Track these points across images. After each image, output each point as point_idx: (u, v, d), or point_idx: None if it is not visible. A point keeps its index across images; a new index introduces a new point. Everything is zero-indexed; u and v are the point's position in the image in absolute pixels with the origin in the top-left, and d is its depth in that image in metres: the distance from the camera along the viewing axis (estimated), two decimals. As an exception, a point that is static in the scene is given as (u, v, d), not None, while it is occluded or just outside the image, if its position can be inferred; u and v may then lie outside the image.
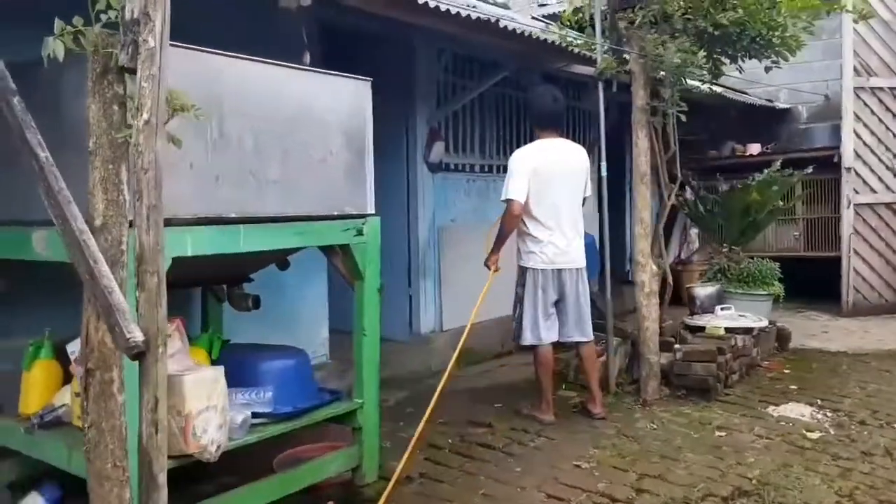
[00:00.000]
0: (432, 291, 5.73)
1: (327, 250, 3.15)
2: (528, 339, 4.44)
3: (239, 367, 2.96)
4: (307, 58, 3.40)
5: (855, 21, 6.23)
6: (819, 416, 4.62)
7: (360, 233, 3.12)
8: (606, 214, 5.18)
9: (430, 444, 4.03)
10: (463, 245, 5.99)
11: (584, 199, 4.54)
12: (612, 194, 5.46)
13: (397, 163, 5.63)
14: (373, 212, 3.19)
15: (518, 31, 4.48)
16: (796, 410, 4.72)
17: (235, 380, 2.91)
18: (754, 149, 8.86)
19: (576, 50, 5.07)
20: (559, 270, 4.36)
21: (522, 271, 4.45)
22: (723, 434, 4.31)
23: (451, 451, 4.02)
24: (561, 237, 4.31)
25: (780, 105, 9.46)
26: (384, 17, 4.14)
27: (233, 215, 2.61)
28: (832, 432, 4.36)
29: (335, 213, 3.02)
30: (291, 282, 4.23)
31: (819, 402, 4.88)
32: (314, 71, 3.02)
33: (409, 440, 3.58)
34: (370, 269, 3.19)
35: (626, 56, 4.91)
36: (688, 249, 8.88)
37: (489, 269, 4.43)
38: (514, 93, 6.40)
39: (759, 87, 9.64)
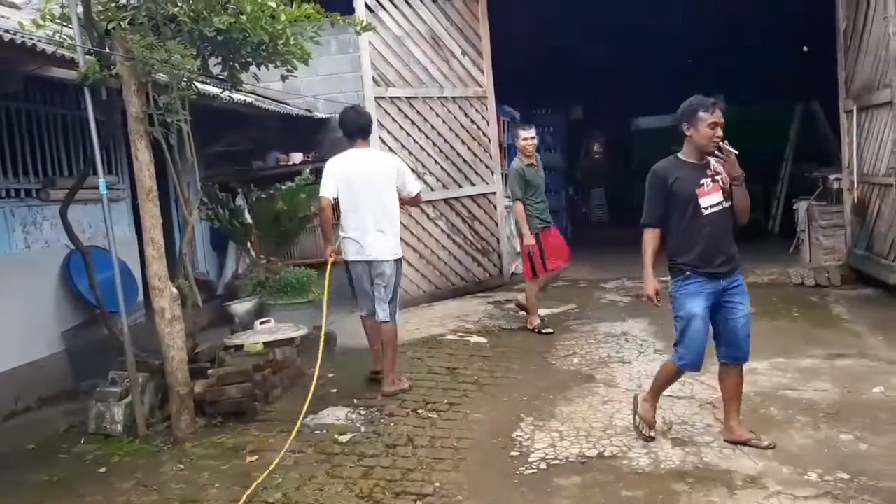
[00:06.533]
0: None
1: None
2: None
3: None
4: None
5: (357, 33, 6.54)
6: (353, 416, 4.69)
7: None
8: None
9: None
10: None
11: (412, 195, 5.30)
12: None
13: None
14: None
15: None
16: (333, 414, 4.74)
17: None
18: (297, 157, 8.98)
19: (47, 50, 4.34)
20: (365, 262, 5.13)
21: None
22: (254, 458, 4.08)
23: None
24: (363, 234, 5.04)
25: (319, 115, 9.77)
26: None
27: None
28: (363, 430, 4.45)
29: None
30: None
31: (356, 401, 4.96)
32: None
33: None
34: None
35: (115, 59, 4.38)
36: (244, 263, 8.64)
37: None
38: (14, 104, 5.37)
39: (299, 97, 9.87)
